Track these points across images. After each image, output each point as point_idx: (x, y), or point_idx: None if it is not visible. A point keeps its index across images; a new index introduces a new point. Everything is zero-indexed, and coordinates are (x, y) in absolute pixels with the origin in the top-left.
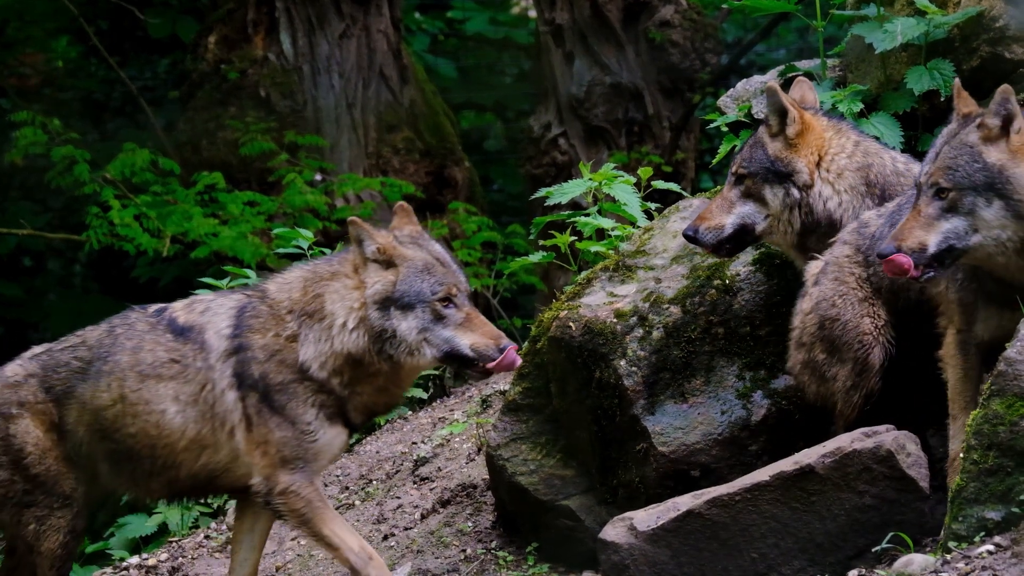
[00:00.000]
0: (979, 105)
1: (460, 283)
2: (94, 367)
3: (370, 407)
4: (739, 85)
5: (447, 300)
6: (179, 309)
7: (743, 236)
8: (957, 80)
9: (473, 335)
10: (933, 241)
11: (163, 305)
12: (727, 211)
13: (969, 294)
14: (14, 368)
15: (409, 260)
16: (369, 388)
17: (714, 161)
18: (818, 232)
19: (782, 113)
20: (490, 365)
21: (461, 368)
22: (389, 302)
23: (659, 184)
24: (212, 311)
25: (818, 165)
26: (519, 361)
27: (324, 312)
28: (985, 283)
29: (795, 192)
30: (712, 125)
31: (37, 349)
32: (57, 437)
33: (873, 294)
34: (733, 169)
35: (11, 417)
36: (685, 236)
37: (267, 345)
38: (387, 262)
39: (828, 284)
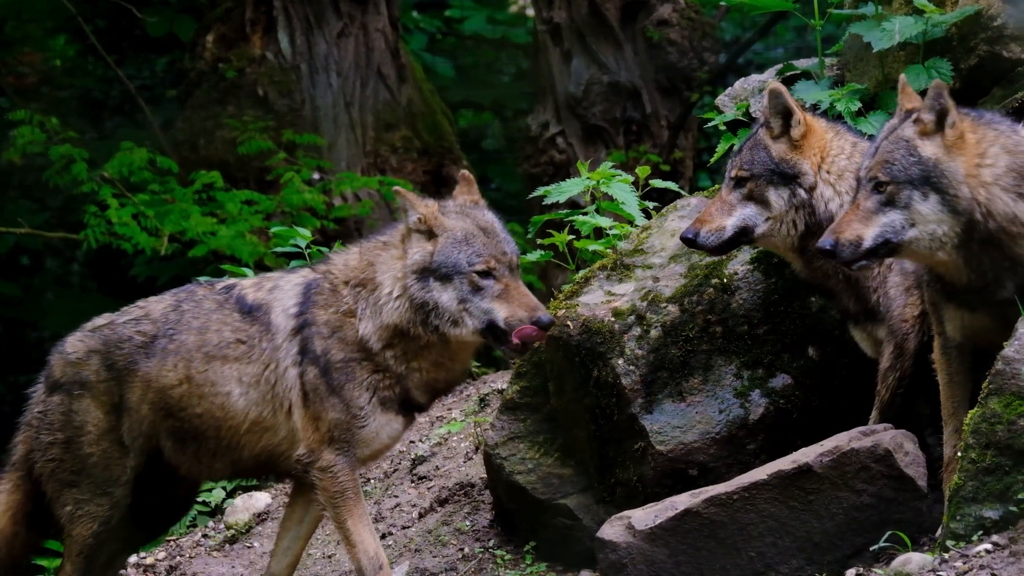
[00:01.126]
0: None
1: (501, 254)
2: (159, 344)
3: (431, 384)
4: (737, 84)
5: (485, 272)
6: (248, 287)
7: (741, 238)
8: (903, 76)
9: (509, 307)
10: (869, 235)
11: (232, 281)
12: (727, 214)
13: (934, 294)
14: (75, 343)
15: (449, 231)
16: (426, 363)
17: (712, 160)
18: (818, 234)
19: (786, 115)
20: (513, 336)
21: (499, 341)
22: (428, 272)
23: (657, 183)
24: (280, 288)
25: (819, 167)
26: (541, 330)
27: (375, 282)
28: (938, 282)
29: (802, 193)
30: (710, 124)
31: (99, 320)
32: (116, 419)
33: (915, 285)
34: (732, 173)
35: (74, 396)
36: (684, 240)
37: (329, 321)
38: (428, 232)
39: (893, 276)
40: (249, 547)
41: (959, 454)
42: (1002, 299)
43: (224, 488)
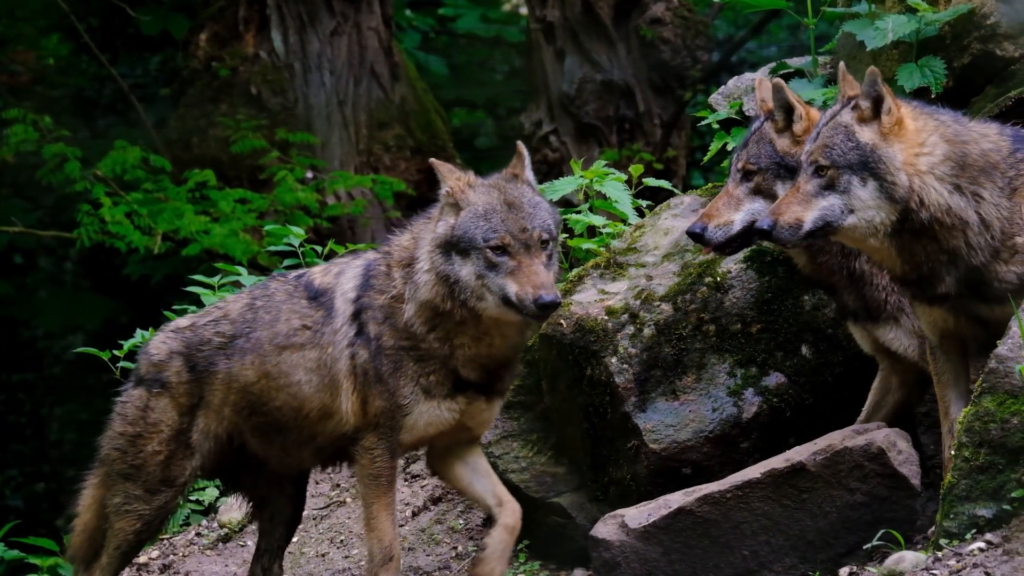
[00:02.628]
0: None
1: (520, 231)
2: (237, 344)
3: (476, 360)
4: (730, 82)
5: (500, 248)
6: (317, 272)
7: (751, 234)
8: (842, 64)
9: (518, 284)
10: (809, 218)
11: (305, 270)
12: (735, 208)
13: (902, 291)
14: (158, 345)
15: (472, 205)
16: (466, 338)
17: (705, 158)
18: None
19: (788, 109)
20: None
21: (522, 314)
22: (449, 246)
23: (650, 181)
24: (343, 273)
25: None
26: (547, 303)
27: (416, 257)
28: (891, 276)
29: None
30: (703, 122)
31: (182, 322)
32: (189, 421)
33: None
34: (739, 165)
35: (153, 393)
36: (691, 234)
37: (384, 306)
38: (455, 205)
39: None
40: (243, 546)
41: (952, 452)
42: (943, 293)
43: (217, 487)
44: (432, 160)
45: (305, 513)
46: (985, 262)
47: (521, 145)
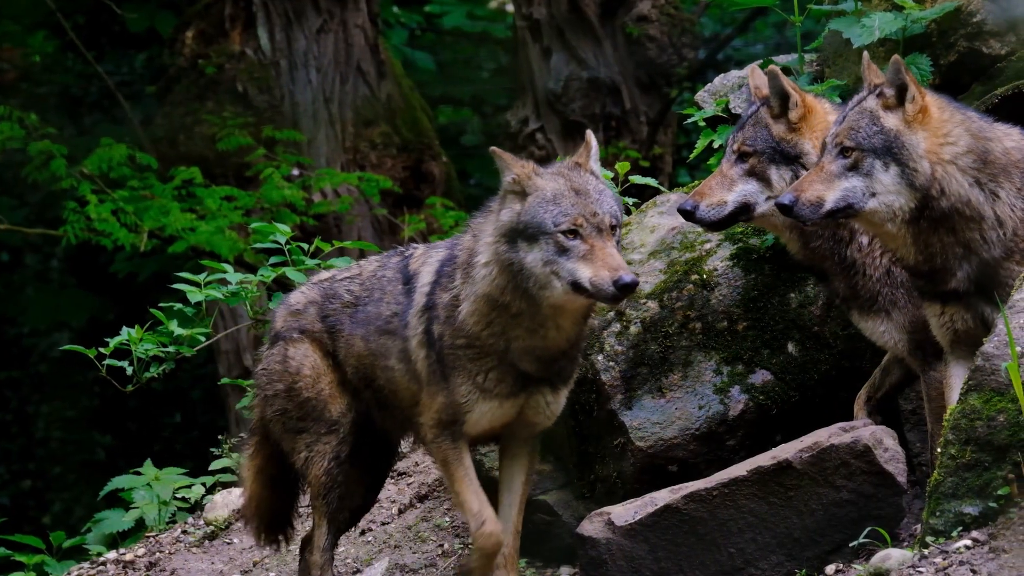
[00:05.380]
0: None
1: (591, 214)
2: (358, 311)
3: (534, 352)
4: (716, 80)
5: (571, 232)
6: (418, 254)
7: (740, 215)
8: (866, 54)
9: (592, 267)
10: (831, 197)
11: (413, 247)
12: (728, 188)
13: (916, 287)
14: (297, 295)
15: (539, 190)
16: (520, 331)
17: (692, 156)
18: None
19: (784, 96)
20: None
21: (593, 298)
22: (515, 234)
23: (636, 179)
24: (427, 262)
25: (822, 148)
26: (627, 284)
27: (475, 251)
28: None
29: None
30: (689, 120)
31: (323, 275)
32: (332, 363)
33: None
34: (735, 147)
35: (291, 340)
36: (681, 212)
37: (446, 305)
38: (522, 192)
39: None
40: (229, 543)
41: (939, 450)
42: (952, 288)
43: (204, 484)
44: (493, 149)
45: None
46: (998, 258)
47: (590, 134)
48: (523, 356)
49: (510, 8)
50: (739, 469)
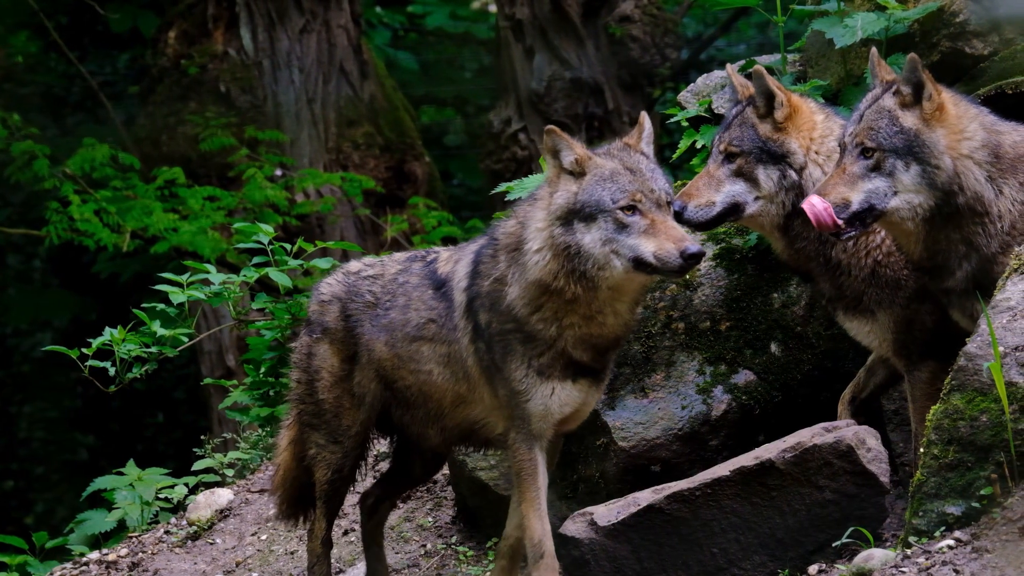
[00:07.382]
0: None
1: (649, 190)
2: (378, 314)
3: (586, 340)
4: (699, 80)
5: (631, 208)
6: (443, 259)
7: (728, 215)
8: (874, 50)
9: (656, 240)
10: (856, 199)
11: (437, 251)
12: (716, 189)
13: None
14: (326, 285)
15: (595, 169)
16: (576, 318)
17: (674, 156)
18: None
19: (769, 96)
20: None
21: (655, 272)
22: (572, 215)
23: None
24: (459, 261)
25: (808, 148)
26: (694, 254)
27: (524, 239)
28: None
29: (792, 175)
30: (672, 120)
31: (353, 265)
32: (349, 368)
33: None
34: (721, 147)
35: (315, 338)
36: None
37: (490, 292)
38: (580, 173)
39: None
40: (211, 543)
41: (922, 450)
42: (949, 287)
43: (186, 484)
44: (550, 127)
45: (273, 512)
46: (995, 253)
47: (644, 115)
48: (577, 345)
49: (493, 8)
50: (722, 469)
